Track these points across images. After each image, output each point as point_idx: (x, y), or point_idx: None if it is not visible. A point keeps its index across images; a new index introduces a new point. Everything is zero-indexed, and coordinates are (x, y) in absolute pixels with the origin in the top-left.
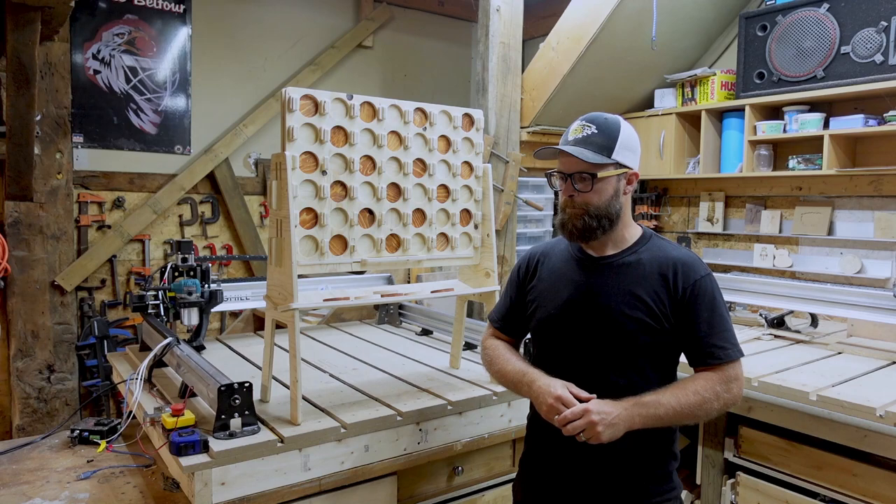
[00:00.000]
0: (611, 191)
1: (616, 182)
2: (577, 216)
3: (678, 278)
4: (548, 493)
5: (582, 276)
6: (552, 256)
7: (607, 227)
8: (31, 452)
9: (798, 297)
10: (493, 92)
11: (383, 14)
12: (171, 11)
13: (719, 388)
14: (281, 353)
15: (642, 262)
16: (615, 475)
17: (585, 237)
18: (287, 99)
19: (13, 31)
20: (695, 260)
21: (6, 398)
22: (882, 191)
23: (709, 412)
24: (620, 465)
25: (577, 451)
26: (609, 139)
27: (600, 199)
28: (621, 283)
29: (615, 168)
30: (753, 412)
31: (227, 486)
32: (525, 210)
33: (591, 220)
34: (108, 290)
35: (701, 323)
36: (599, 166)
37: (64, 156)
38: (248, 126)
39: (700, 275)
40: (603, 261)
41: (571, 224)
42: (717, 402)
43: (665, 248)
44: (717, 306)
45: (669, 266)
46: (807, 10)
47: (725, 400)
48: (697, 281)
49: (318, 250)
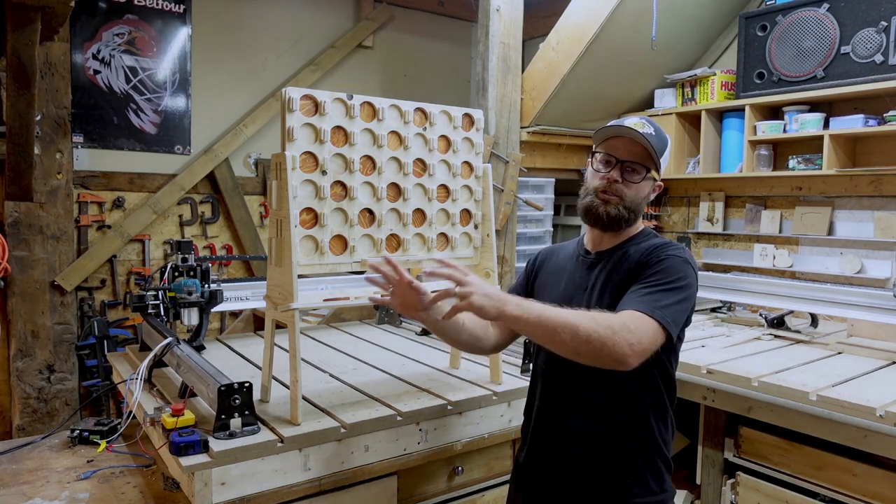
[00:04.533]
0: (646, 192)
1: (651, 186)
2: (614, 203)
3: (650, 254)
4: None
5: (577, 270)
6: (559, 255)
7: (630, 223)
8: (31, 452)
9: (798, 297)
10: (493, 92)
11: (383, 14)
12: (171, 11)
13: (615, 323)
14: (281, 353)
15: (628, 254)
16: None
17: (613, 225)
18: (287, 99)
19: (13, 31)
20: (676, 246)
21: (6, 398)
22: (882, 191)
23: (583, 338)
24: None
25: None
26: (662, 145)
27: (637, 196)
28: (607, 276)
29: (655, 173)
30: (753, 412)
31: (227, 486)
32: (525, 210)
33: (625, 210)
34: (108, 290)
35: (642, 284)
36: (653, 163)
37: (64, 156)
38: (248, 126)
39: (674, 254)
40: (598, 255)
41: (604, 209)
42: (598, 333)
43: (653, 241)
44: (666, 284)
45: (648, 249)
46: (807, 10)
47: (605, 339)
48: (664, 256)
49: (318, 250)
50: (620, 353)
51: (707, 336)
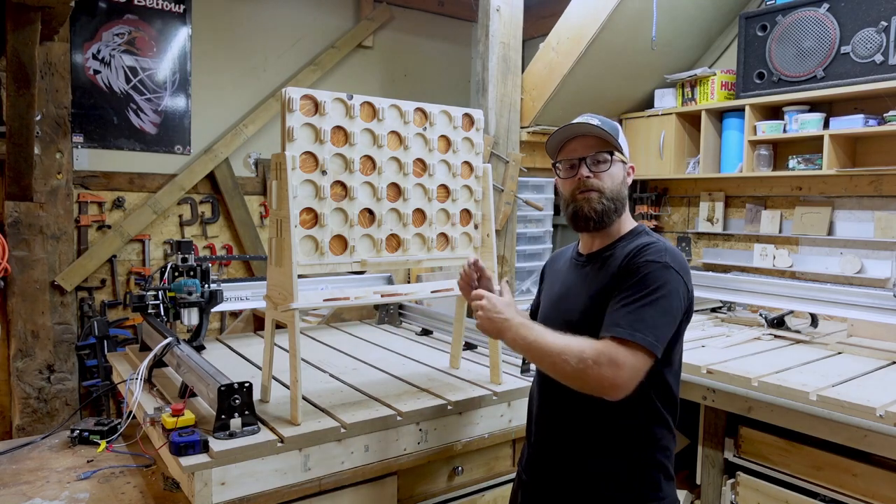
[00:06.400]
0: (620, 176)
1: (623, 169)
2: (595, 199)
3: (630, 260)
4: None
5: (570, 273)
6: (561, 259)
7: (620, 212)
8: (31, 452)
9: (798, 297)
10: (493, 92)
11: (383, 14)
12: (171, 11)
13: (597, 356)
14: (281, 353)
15: (614, 256)
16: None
17: (604, 222)
18: (287, 99)
19: (13, 31)
20: (657, 249)
21: (6, 398)
22: (882, 191)
23: (570, 374)
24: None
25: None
26: (612, 129)
27: (613, 182)
28: (595, 278)
29: (620, 155)
30: (753, 412)
31: (227, 486)
32: (525, 210)
33: (608, 202)
34: (108, 290)
35: (621, 299)
36: (613, 147)
37: (64, 156)
38: (248, 126)
39: (653, 259)
40: (588, 258)
41: (589, 207)
42: (583, 370)
43: (643, 239)
44: (647, 295)
45: (629, 252)
46: (807, 10)
47: (589, 375)
48: (647, 262)
49: (318, 250)
50: (607, 386)
51: (707, 336)
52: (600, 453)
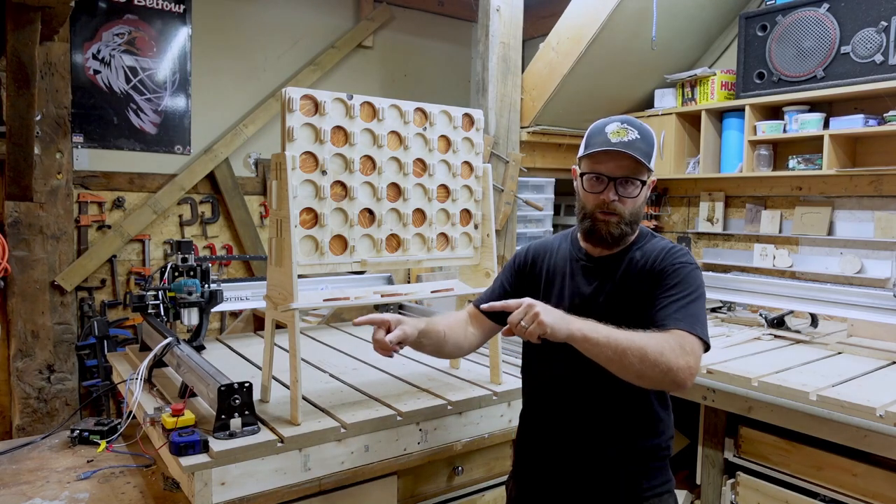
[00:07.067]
0: (643, 198)
1: (648, 189)
2: (615, 223)
3: (663, 261)
4: (540, 491)
5: (577, 276)
6: (553, 254)
7: (636, 230)
8: (31, 452)
9: (798, 297)
10: (493, 92)
11: (383, 14)
12: (171, 11)
13: (674, 345)
14: (281, 353)
15: (634, 261)
16: (606, 471)
17: (617, 244)
18: (287, 99)
19: (13, 31)
20: (684, 252)
21: (6, 398)
22: (882, 191)
23: (651, 362)
24: (611, 459)
25: (568, 447)
26: (649, 146)
27: (636, 206)
28: (617, 286)
29: (649, 175)
30: (753, 412)
31: (227, 486)
32: (525, 210)
33: (626, 227)
34: (108, 290)
35: (671, 296)
36: (647, 173)
37: (64, 156)
38: (248, 126)
39: (682, 262)
40: (599, 262)
41: (607, 231)
42: (665, 356)
43: (658, 243)
44: (691, 294)
45: (658, 255)
46: (807, 10)
47: (671, 362)
48: (678, 265)
49: (318, 250)
50: (682, 378)
51: None
52: (619, 440)
